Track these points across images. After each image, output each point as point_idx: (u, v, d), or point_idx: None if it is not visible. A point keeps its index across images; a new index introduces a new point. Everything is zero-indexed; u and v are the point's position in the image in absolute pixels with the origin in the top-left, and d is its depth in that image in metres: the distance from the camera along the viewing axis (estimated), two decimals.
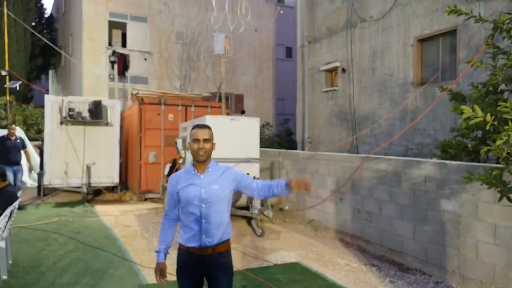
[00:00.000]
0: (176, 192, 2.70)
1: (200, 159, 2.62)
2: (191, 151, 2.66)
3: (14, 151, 8.92)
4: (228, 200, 2.70)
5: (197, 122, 7.98)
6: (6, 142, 8.85)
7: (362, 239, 6.21)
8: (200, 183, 2.63)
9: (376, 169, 5.95)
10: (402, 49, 9.38)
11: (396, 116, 9.49)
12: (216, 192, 2.62)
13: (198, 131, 2.64)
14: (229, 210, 2.74)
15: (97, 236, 6.68)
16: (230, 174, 2.71)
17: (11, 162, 8.70)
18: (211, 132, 2.70)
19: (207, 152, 2.63)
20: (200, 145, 2.60)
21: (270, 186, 2.68)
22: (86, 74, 17.57)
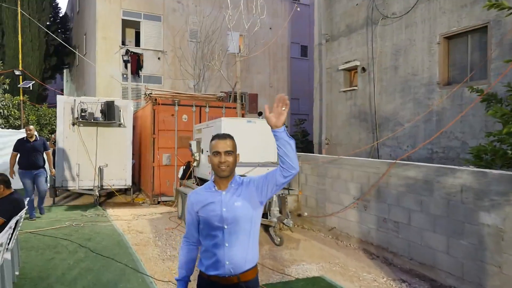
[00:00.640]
0: (195, 212, 2.37)
1: (222, 174, 2.28)
2: (212, 166, 2.32)
3: (33, 153, 8.18)
4: (255, 219, 2.33)
5: (212, 124, 7.65)
6: (25, 145, 8.18)
7: (388, 251, 5.81)
8: (221, 201, 2.28)
9: (404, 176, 5.54)
10: (427, 47, 8.90)
11: (420, 118, 9.02)
12: (240, 210, 2.27)
13: (219, 143, 2.30)
14: (257, 231, 2.37)
15: (108, 243, 6.41)
16: (252, 183, 2.33)
17: (30, 166, 8.12)
18: (234, 143, 2.36)
19: (230, 166, 2.29)
20: (221, 158, 2.26)
21: (279, 156, 2.20)
22: (99, 73, 17.44)
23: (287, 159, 2.19)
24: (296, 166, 2.23)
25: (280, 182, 2.28)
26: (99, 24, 17.60)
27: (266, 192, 2.32)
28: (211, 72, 17.77)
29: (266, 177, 2.31)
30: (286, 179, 2.27)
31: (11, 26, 19.23)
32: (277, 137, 2.18)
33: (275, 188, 2.31)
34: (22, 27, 18.91)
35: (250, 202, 2.30)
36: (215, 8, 18.32)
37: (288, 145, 2.19)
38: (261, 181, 2.32)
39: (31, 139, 8.26)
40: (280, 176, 2.25)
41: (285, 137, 2.18)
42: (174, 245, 6.36)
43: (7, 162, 11.40)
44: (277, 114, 2.16)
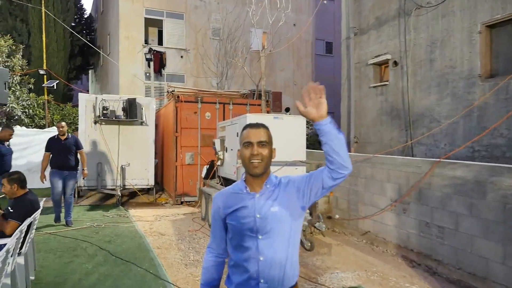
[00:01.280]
0: (221, 218, 1.97)
1: (254, 171, 1.87)
2: (242, 161, 1.91)
3: (65, 153, 7.39)
4: (295, 227, 1.91)
5: (236, 121, 7.25)
6: (56, 144, 7.44)
7: (431, 259, 5.27)
8: (254, 206, 1.87)
9: (450, 176, 4.99)
10: (467, 37, 8.26)
11: (459, 114, 8.38)
12: (278, 217, 1.85)
13: (251, 132, 1.90)
14: (297, 242, 1.94)
15: (129, 245, 6.10)
16: (293, 184, 1.91)
17: (61, 166, 7.36)
18: (270, 134, 1.95)
19: (264, 161, 1.87)
20: (254, 150, 1.85)
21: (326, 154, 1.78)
22: (122, 72, 17.36)
23: (337, 157, 1.75)
24: (348, 165, 1.80)
25: (328, 185, 1.85)
26: (122, 24, 17.52)
27: (309, 196, 1.89)
28: (234, 70, 17.43)
29: (310, 178, 1.89)
30: (336, 182, 1.83)
31: (37, 27, 19.38)
32: (322, 132, 1.75)
33: (321, 192, 1.88)
34: (47, 27, 19.06)
35: (290, 207, 1.88)
36: (237, 5, 17.98)
37: (337, 139, 1.75)
38: (304, 182, 1.90)
39: (63, 137, 7.49)
40: (328, 178, 1.82)
41: (332, 130, 1.75)
42: (197, 248, 6.00)
43: (32, 161, 11.40)
44: (315, 104, 1.74)
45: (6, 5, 19.91)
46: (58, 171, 7.35)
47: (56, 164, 7.38)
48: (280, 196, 1.89)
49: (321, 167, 1.89)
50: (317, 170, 1.90)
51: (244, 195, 1.91)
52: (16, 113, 13.57)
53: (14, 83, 14.01)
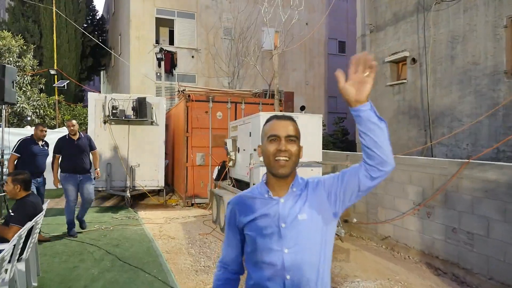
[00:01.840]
0: (238, 228, 1.67)
1: (280, 171, 1.56)
2: (265, 159, 1.61)
3: (78, 154, 6.58)
4: (327, 237, 1.60)
5: (249, 120, 6.97)
6: (68, 145, 6.62)
7: (459, 267, 4.91)
8: (278, 213, 1.57)
9: (481, 178, 4.63)
10: (491, 31, 7.85)
11: (482, 112, 7.97)
12: (307, 226, 1.55)
13: (278, 124, 1.60)
14: (329, 256, 1.63)
15: (137, 249, 5.85)
16: (323, 187, 1.60)
17: (75, 169, 6.51)
18: (298, 128, 1.65)
19: (292, 159, 1.57)
20: (281, 145, 1.55)
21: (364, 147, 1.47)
22: (133, 73, 17.23)
23: (378, 150, 1.45)
24: (391, 160, 1.49)
25: (366, 186, 1.54)
26: (133, 23, 17.40)
27: (343, 200, 1.58)
28: (245, 70, 17.18)
29: (342, 179, 1.58)
30: (375, 182, 1.53)
31: (49, 28, 19.37)
32: (360, 119, 1.45)
33: (357, 195, 1.58)
34: (59, 28, 19.05)
35: (320, 213, 1.58)
36: (249, 4, 17.73)
37: (379, 129, 1.44)
38: (335, 184, 1.59)
39: (75, 137, 6.69)
40: (365, 177, 1.51)
41: (372, 118, 1.44)
42: (208, 253, 5.72)
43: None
44: (357, 82, 1.42)
45: (18, 6, 19.95)
46: (72, 176, 6.48)
47: (68, 168, 6.48)
48: (308, 200, 1.58)
49: (354, 165, 1.58)
50: (350, 169, 1.59)
51: (266, 201, 1.61)
52: (27, 113, 13.49)
53: (25, 83, 13.95)
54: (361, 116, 1.43)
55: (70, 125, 6.74)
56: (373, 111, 1.45)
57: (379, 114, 1.47)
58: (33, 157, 6.30)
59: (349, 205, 1.62)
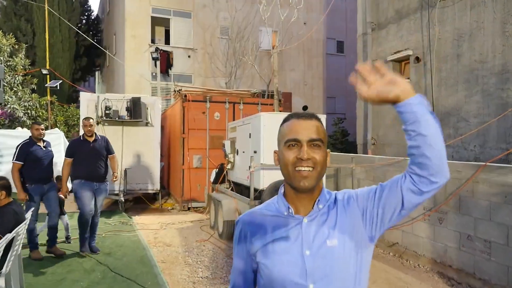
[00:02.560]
0: (249, 255, 1.33)
1: (302, 185, 1.22)
2: (283, 168, 1.27)
3: (95, 159, 5.68)
4: (363, 268, 1.26)
5: (249, 121, 6.63)
6: (83, 147, 5.69)
7: (475, 277, 4.59)
8: (301, 237, 1.24)
9: (499, 182, 4.32)
10: (500, 28, 7.56)
11: (490, 112, 7.68)
12: (338, 254, 1.21)
13: (299, 125, 1.26)
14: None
15: (130, 259, 5.49)
16: (355, 203, 1.27)
17: (90, 176, 5.61)
18: (324, 129, 1.31)
19: (318, 170, 1.23)
20: (303, 153, 1.21)
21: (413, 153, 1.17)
22: (128, 72, 16.86)
23: (432, 156, 1.12)
24: (446, 169, 1.16)
25: (412, 204, 1.21)
26: (128, 22, 17.03)
27: (381, 220, 1.25)
28: (243, 70, 16.86)
29: (380, 194, 1.24)
30: (424, 197, 1.20)
31: (42, 27, 18.94)
32: (409, 117, 1.13)
33: (400, 214, 1.24)
34: (53, 27, 18.64)
35: (354, 238, 1.24)
36: (246, 3, 17.42)
37: (434, 128, 1.13)
38: (371, 200, 1.25)
39: (91, 139, 5.76)
40: (411, 191, 1.18)
41: (425, 115, 1.12)
42: (206, 263, 5.38)
43: None
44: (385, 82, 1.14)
45: (10, 4, 19.54)
46: (87, 183, 5.58)
47: (83, 174, 5.58)
48: (339, 221, 1.25)
49: (395, 177, 1.25)
50: (390, 181, 1.25)
51: (286, 220, 1.28)
52: (18, 114, 13.09)
53: (16, 83, 13.54)
54: (414, 111, 1.11)
55: (88, 125, 5.69)
56: (424, 105, 1.13)
57: (430, 109, 1.15)
58: (38, 162, 5.45)
59: (389, 227, 1.29)
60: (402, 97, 1.11)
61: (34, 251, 5.41)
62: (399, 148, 10.00)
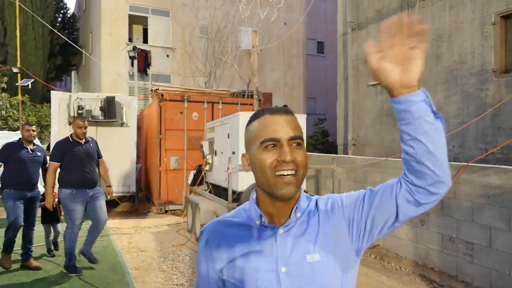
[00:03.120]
0: (215, 271, 1.12)
1: (284, 193, 1.02)
2: (258, 174, 1.06)
3: (87, 163, 4.98)
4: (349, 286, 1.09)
5: (227, 120, 6.43)
6: (73, 149, 4.91)
7: (457, 279, 4.50)
8: (276, 251, 1.04)
9: (481, 183, 4.24)
10: (479, 29, 7.58)
11: (469, 113, 7.70)
12: (320, 271, 1.03)
13: (274, 121, 1.06)
14: None
15: (102, 266, 5.20)
16: (340, 210, 1.08)
17: (85, 182, 4.90)
18: (299, 124, 1.12)
19: (300, 172, 1.04)
20: (284, 155, 1.01)
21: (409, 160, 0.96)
22: (104, 71, 16.41)
23: (432, 165, 0.94)
24: (448, 178, 0.98)
25: (407, 216, 1.03)
26: (104, 20, 16.59)
27: (370, 231, 1.07)
28: (223, 70, 16.63)
29: (370, 202, 1.05)
30: (422, 209, 1.02)
31: (14, 24, 18.28)
32: (408, 116, 0.93)
33: (392, 226, 1.06)
34: (25, 24, 18.03)
35: (338, 252, 1.05)
36: (226, 2, 17.22)
37: (435, 131, 0.93)
38: (359, 208, 1.07)
39: (82, 140, 5.04)
40: (407, 202, 1.00)
41: (427, 114, 0.93)
42: (182, 269, 5.14)
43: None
44: (400, 58, 0.90)
45: None
46: (80, 192, 4.84)
47: (75, 181, 4.83)
48: (321, 232, 1.06)
49: (389, 182, 1.06)
50: (382, 188, 1.06)
51: (258, 230, 1.08)
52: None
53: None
54: (411, 111, 0.92)
55: (81, 125, 4.91)
56: (428, 103, 0.94)
57: (434, 109, 0.96)
58: (20, 164, 4.94)
59: (379, 238, 1.11)
60: (398, 91, 0.93)
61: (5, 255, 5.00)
62: (379, 148, 9.97)
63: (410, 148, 0.94)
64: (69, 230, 4.90)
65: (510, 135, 6.98)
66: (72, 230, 4.90)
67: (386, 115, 9.92)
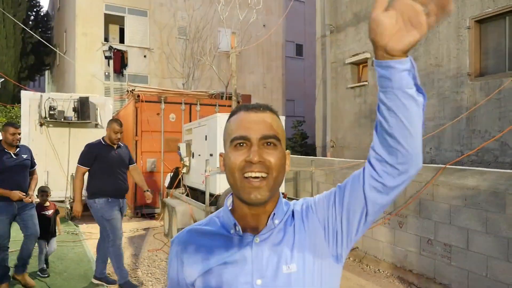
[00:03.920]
0: (186, 284, 1.03)
1: (252, 197, 0.93)
2: (228, 175, 0.97)
3: (120, 170, 4.63)
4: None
5: (205, 122, 6.30)
6: (107, 154, 4.56)
7: (435, 282, 4.50)
8: (251, 262, 0.95)
9: (459, 185, 4.25)
10: (454, 33, 7.69)
11: (445, 115, 7.80)
12: (295, 283, 0.93)
13: (247, 118, 0.98)
14: None
15: (72, 273, 4.99)
16: (315, 215, 0.99)
17: (117, 191, 4.51)
18: (280, 123, 1.02)
19: (272, 175, 0.94)
20: (251, 155, 0.92)
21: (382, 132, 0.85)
22: (79, 72, 15.98)
23: (405, 141, 0.83)
24: (419, 157, 0.87)
25: (378, 205, 0.93)
26: (79, 19, 16.16)
27: (347, 233, 0.97)
28: (201, 71, 16.47)
29: (341, 199, 0.96)
30: (392, 194, 0.91)
31: None
32: (388, 83, 0.81)
33: (366, 220, 0.95)
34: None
35: (317, 260, 0.96)
36: (205, 3, 17.06)
37: (415, 106, 0.82)
38: (331, 208, 0.98)
39: (114, 145, 4.63)
40: (374, 189, 0.90)
41: (409, 86, 0.81)
42: (157, 275, 4.98)
43: None
44: (405, 18, 0.78)
45: None
46: (115, 201, 4.45)
47: (110, 189, 4.42)
48: (297, 240, 0.97)
49: (355, 172, 0.97)
50: (349, 180, 0.96)
51: (232, 240, 0.99)
52: None
53: None
54: (391, 78, 0.81)
55: (118, 130, 4.52)
56: (411, 75, 0.84)
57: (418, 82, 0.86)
58: (7, 173, 4.28)
59: (358, 238, 1.01)
60: (382, 53, 0.81)
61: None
62: (357, 151, 10.01)
63: (384, 120, 0.84)
64: (111, 243, 4.38)
65: (484, 138, 7.10)
66: (114, 242, 4.38)
67: (364, 118, 9.98)
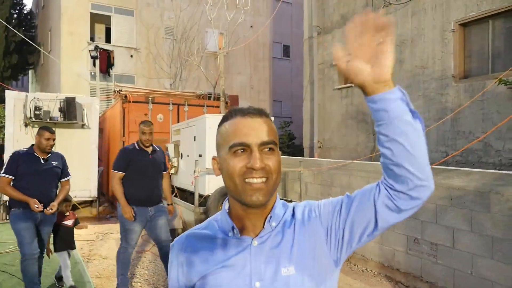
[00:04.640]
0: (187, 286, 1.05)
1: (254, 200, 0.95)
2: (227, 180, 0.99)
3: (154, 176, 4.39)
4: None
5: (194, 123, 6.30)
6: (139, 159, 4.31)
7: (422, 280, 4.59)
8: (250, 264, 0.97)
9: (446, 185, 4.34)
10: (439, 36, 7.84)
11: (431, 116, 7.93)
12: (294, 286, 0.95)
13: (244, 124, 0.99)
14: None
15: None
16: (319, 219, 1.02)
17: (146, 199, 4.25)
18: (274, 127, 1.03)
19: (272, 178, 0.97)
20: (253, 161, 0.94)
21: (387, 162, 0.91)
22: (64, 71, 15.77)
23: (412, 167, 0.88)
24: (430, 181, 0.92)
25: (388, 223, 0.97)
26: (64, 18, 15.95)
27: (349, 240, 1.01)
28: (189, 72, 16.43)
29: (348, 208, 1.00)
30: (404, 215, 0.96)
31: None
32: (384, 116, 0.88)
33: (372, 233, 0.99)
34: None
35: (316, 264, 0.99)
36: (192, 3, 17.03)
37: (414, 131, 0.87)
38: (337, 215, 1.01)
39: (149, 149, 4.41)
40: (387, 209, 0.94)
41: (405, 113, 0.87)
42: (146, 276, 4.96)
43: None
44: (370, 54, 0.88)
45: None
46: (141, 210, 4.22)
47: (139, 197, 4.21)
48: (297, 243, 0.99)
49: (367, 187, 1.02)
50: (360, 193, 1.02)
51: (230, 243, 1.00)
52: None
53: None
54: (388, 109, 0.86)
55: (147, 132, 4.27)
56: (405, 101, 0.89)
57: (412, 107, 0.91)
58: (32, 178, 3.99)
59: (358, 247, 1.05)
60: (372, 88, 0.87)
61: None
62: (344, 151, 10.11)
63: (388, 150, 0.89)
64: (122, 249, 4.33)
65: (468, 139, 7.24)
66: (125, 250, 4.31)
67: (351, 119, 10.09)
